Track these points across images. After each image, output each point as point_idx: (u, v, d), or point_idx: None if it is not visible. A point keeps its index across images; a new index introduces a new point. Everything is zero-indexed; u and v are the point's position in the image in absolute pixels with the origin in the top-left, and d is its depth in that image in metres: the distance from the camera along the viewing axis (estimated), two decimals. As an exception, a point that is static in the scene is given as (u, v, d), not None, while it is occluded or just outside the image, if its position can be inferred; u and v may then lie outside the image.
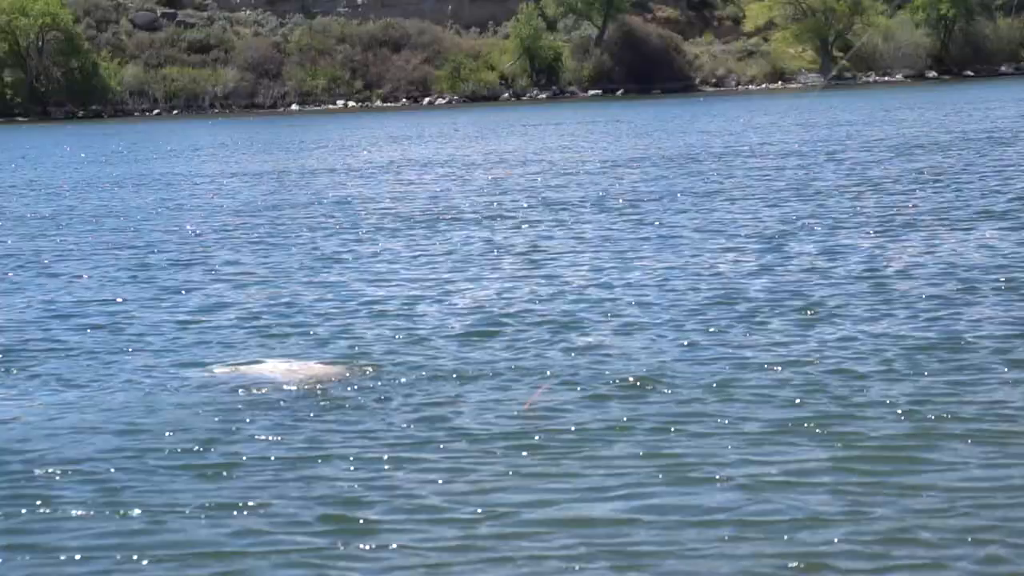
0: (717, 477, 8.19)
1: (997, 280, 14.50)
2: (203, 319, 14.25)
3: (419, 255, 18.96)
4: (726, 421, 9.41)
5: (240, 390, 10.84)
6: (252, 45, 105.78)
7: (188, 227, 23.89)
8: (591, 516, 7.66)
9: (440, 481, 8.42)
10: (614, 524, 7.55)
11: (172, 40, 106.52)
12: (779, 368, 10.85)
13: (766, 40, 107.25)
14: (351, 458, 8.93)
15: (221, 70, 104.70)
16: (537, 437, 9.24)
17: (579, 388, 10.53)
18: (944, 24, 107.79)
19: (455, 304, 14.64)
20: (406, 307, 14.52)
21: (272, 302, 15.20)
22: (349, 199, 28.21)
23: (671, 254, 17.83)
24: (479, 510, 7.85)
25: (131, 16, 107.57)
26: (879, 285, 14.61)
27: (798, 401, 9.85)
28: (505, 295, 15.02)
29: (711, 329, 12.60)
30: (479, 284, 15.86)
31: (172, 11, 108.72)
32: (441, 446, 9.18)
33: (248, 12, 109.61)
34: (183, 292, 16.18)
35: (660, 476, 8.30)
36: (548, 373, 11.05)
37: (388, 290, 15.80)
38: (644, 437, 9.14)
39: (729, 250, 17.93)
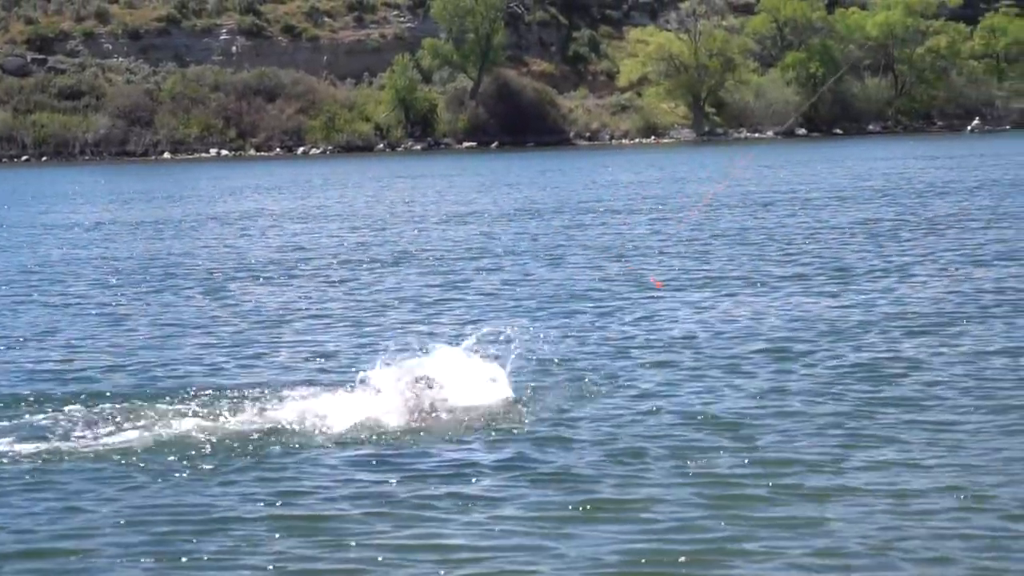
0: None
1: (811, 345, 14.41)
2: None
3: (200, 312, 18.49)
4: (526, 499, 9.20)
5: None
6: (124, 92, 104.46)
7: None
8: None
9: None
10: None
11: (42, 86, 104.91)
12: (577, 442, 10.60)
13: (639, 95, 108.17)
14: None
15: (92, 117, 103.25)
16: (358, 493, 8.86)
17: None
18: (814, 83, 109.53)
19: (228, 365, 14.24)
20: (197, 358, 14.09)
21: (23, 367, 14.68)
22: (150, 254, 27.64)
23: (475, 315, 17.51)
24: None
25: (0, 61, 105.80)
26: (687, 349, 14.49)
27: (608, 481, 9.63)
28: (272, 357, 14.63)
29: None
30: (278, 346, 15.47)
31: (43, 57, 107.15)
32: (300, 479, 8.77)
33: (120, 59, 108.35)
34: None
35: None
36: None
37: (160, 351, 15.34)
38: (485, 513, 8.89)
39: (521, 312, 17.67)
